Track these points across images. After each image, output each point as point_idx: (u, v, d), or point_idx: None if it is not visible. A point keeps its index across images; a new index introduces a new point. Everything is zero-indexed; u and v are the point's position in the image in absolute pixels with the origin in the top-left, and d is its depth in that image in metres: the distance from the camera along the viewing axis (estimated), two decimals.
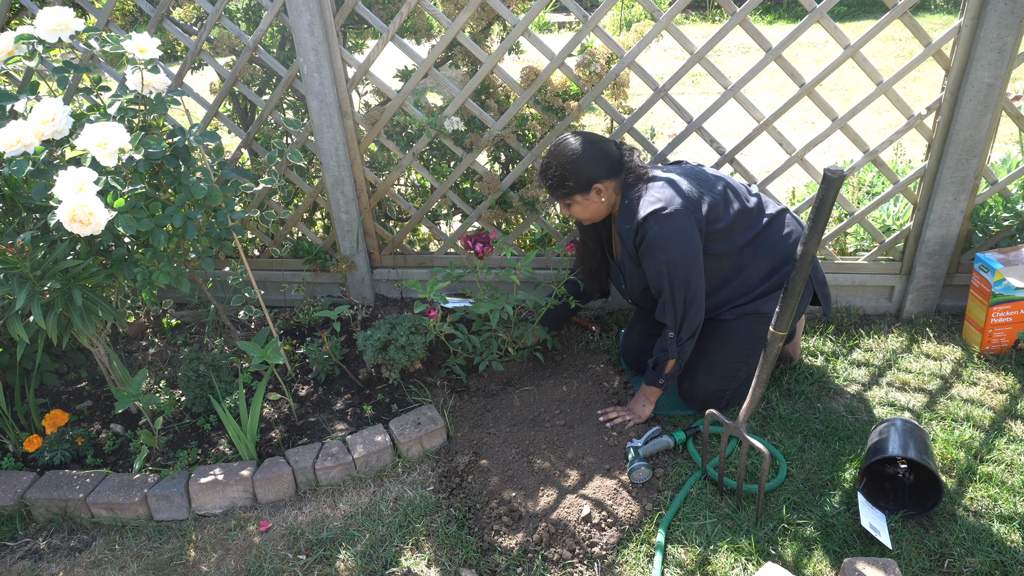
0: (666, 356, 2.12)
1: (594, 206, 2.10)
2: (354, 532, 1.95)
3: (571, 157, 2.03)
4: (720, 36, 2.27)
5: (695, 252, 2.00)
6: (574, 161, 2.03)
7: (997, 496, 1.91)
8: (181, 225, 1.92)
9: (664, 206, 1.97)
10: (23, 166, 1.74)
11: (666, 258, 1.98)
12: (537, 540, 1.87)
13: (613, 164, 2.07)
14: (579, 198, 2.08)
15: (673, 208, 1.97)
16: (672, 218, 1.97)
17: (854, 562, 1.59)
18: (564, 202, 2.11)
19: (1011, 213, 2.55)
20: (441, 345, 2.61)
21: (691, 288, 2.02)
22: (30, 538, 2.03)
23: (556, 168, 2.05)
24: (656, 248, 1.99)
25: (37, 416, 2.35)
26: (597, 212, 2.12)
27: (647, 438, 2.12)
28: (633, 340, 2.45)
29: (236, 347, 2.65)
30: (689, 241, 1.98)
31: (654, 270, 2.03)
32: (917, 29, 2.25)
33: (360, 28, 3.02)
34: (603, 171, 2.05)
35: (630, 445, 2.11)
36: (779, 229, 2.15)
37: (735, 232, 2.09)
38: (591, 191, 2.06)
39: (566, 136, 2.08)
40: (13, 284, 1.81)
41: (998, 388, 2.32)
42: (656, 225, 1.97)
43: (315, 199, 2.85)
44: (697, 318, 2.07)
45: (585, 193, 2.06)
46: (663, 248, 1.98)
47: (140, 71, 1.92)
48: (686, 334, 2.09)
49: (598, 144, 2.07)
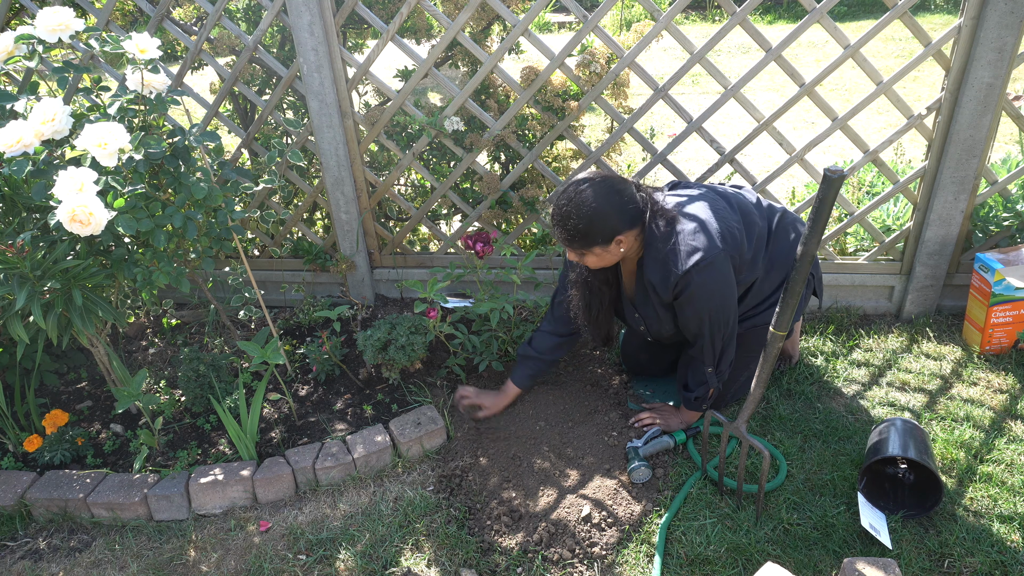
0: (706, 389, 2.09)
1: (611, 257, 1.95)
2: (354, 532, 1.95)
3: (594, 209, 1.84)
4: (720, 36, 2.27)
5: (734, 293, 1.95)
6: (597, 214, 1.84)
7: (997, 496, 1.91)
8: (181, 225, 1.92)
9: (704, 256, 1.85)
10: (23, 166, 1.74)
11: (710, 307, 1.91)
12: (537, 540, 1.87)
13: (636, 214, 1.91)
14: (598, 250, 1.91)
15: (712, 256, 1.85)
16: (713, 267, 1.86)
17: (854, 562, 1.59)
18: (579, 252, 1.94)
19: (1011, 213, 2.55)
20: (441, 345, 2.61)
21: (729, 327, 1.98)
22: (30, 538, 2.03)
23: (577, 220, 1.85)
24: (700, 299, 1.90)
25: (37, 416, 2.35)
26: (612, 262, 1.99)
27: (647, 438, 2.12)
28: (633, 347, 2.44)
29: (236, 347, 2.65)
30: (729, 285, 1.92)
31: (695, 318, 1.95)
32: (917, 29, 2.24)
33: (360, 28, 3.02)
34: (627, 222, 1.88)
35: (630, 446, 2.11)
36: (785, 238, 2.11)
37: (757, 256, 2.03)
38: (612, 243, 1.89)
39: (584, 183, 1.89)
40: (13, 284, 1.81)
41: (998, 388, 2.32)
42: (699, 276, 1.86)
43: (315, 199, 2.85)
44: (732, 348, 2.04)
45: (606, 246, 1.90)
46: (708, 298, 1.89)
47: (140, 71, 1.92)
48: (724, 365, 2.06)
49: (620, 191, 1.89)
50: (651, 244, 1.93)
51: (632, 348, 2.45)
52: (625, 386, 2.44)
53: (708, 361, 2.03)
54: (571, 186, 1.90)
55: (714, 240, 1.87)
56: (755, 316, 2.12)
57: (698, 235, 1.88)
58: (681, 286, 1.89)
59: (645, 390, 2.40)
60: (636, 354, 2.44)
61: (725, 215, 1.95)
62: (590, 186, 1.87)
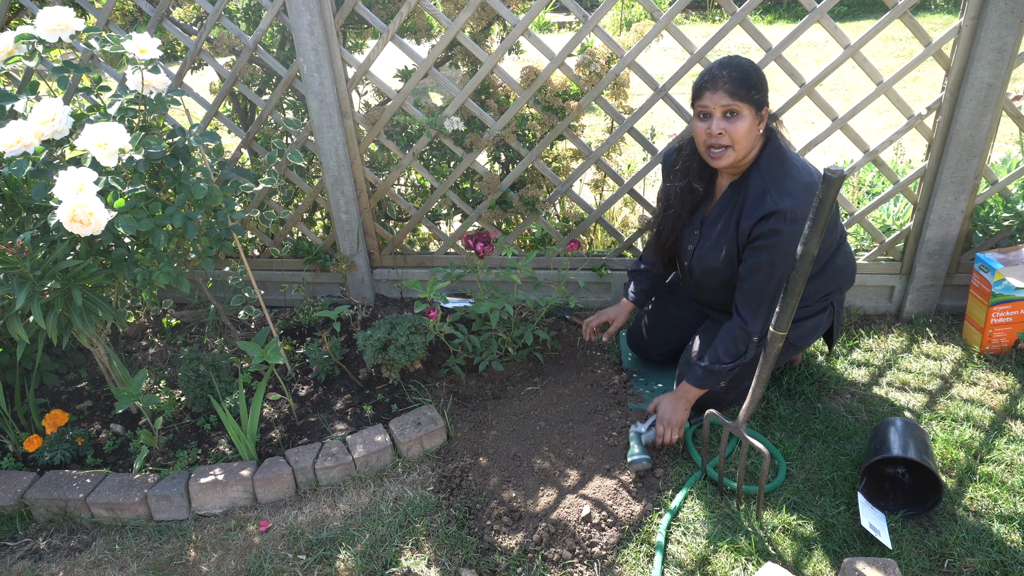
0: (744, 360, 2.00)
1: (752, 134, 1.87)
2: (354, 532, 1.95)
3: (758, 69, 1.87)
4: (720, 36, 2.27)
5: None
6: (761, 73, 1.86)
7: (997, 496, 1.91)
8: (181, 225, 1.92)
9: (798, 208, 1.82)
10: (23, 166, 1.74)
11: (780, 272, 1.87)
12: (537, 540, 1.87)
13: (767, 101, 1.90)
14: (748, 112, 1.84)
15: (805, 213, 1.81)
16: (804, 223, 1.80)
17: (854, 562, 1.59)
18: (733, 107, 1.84)
19: (1011, 213, 2.55)
20: (441, 345, 2.61)
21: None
22: (30, 538, 2.03)
23: (747, 64, 1.85)
24: (778, 250, 1.85)
25: (37, 416, 2.35)
26: (747, 145, 1.88)
27: (650, 424, 2.11)
28: (640, 328, 2.48)
29: (236, 347, 2.65)
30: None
31: (768, 267, 1.89)
32: (917, 29, 2.24)
33: (360, 28, 3.02)
34: (767, 101, 1.89)
35: (633, 430, 2.10)
36: (845, 256, 2.10)
37: (822, 254, 1.99)
38: (761, 110, 1.87)
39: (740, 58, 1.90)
40: (13, 284, 1.81)
41: (998, 388, 2.32)
42: (790, 227, 1.82)
43: (315, 199, 2.86)
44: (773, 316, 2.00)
45: (758, 110, 1.86)
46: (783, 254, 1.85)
47: (140, 71, 1.92)
48: (766, 330, 1.97)
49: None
50: (758, 164, 1.92)
51: (639, 329, 2.48)
52: (625, 386, 2.44)
53: (755, 325, 1.95)
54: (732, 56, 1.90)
55: (810, 203, 1.83)
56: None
57: (809, 190, 1.85)
58: (766, 226, 1.85)
59: (645, 389, 2.40)
60: (643, 335, 2.46)
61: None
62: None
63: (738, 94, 1.83)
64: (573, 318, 2.79)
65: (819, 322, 2.16)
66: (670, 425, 2.08)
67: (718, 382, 2.06)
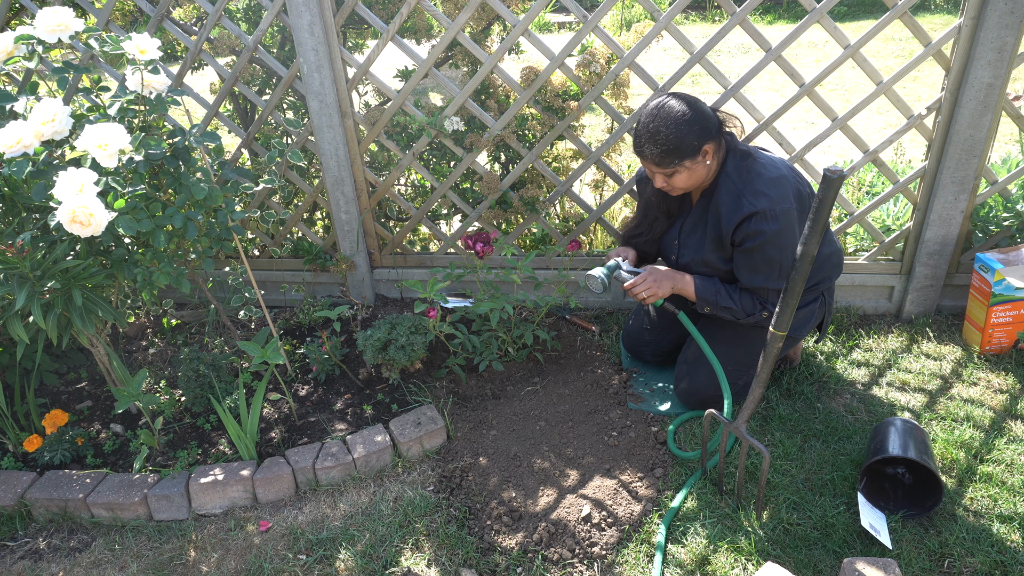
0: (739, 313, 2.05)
1: (700, 171, 1.93)
2: (354, 532, 1.95)
3: (682, 118, 1.86)
4: (720, 36, 2.27)
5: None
6: (686, 122, 1.86)
7: (997, 496, 1.91)
8: (181, 226, 1.92)
9: (775, 204, 1.87)
10: (23, 167, 1.74)
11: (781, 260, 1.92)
12: (537, 540, 1.87)
13: (717, 123, 1.92)
14: (688, 163, 1.90)
15: (785, 208, 1.87)
16: (788, 215, 1.88)
17: (854, 562, 1.59)
18: (669, 171, 1.92)
19: (1011, 213, 2.55)
20: (441, 345, 2.61)
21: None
22: (30, 538, 2.03)
23: (666, 132, 1.86)
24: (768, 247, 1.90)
25: (37, 416, 2.35)
26: (699, 179, 1.95)
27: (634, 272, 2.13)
28: (636, 328, 2.48)
29: (236, 347, 2.65)
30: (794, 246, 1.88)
31: (753, 266, 1.96)
32: (917, 29, 2.25)
33: (360, 28, 3.02)
34: (712, 130, 1.90)
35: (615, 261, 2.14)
36: (830, 244, 2.13)
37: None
38: (699, 154, 1.90)
39: (665, 98, 1.91)
40: (13, 284, 1.81)
41: (998, 388, 2.32)
42: (771, 225, 1.87)
43: (315, 199, 2.86)
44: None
45: (694, 158, 1.90)
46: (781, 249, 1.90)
47: (140, 71, 1.92)
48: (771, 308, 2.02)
49: (696, 101, 1.92)
50: (726, 171, 1.95)
51: (635, 329, 2.47)
52: (625, 386, 2.44)
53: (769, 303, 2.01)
54: (652, 106, 1.91)
55: (788, 195, 1.89)
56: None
57: (778, 185, 1.89)
58: (747, 229, 1.89)
59: (645, 389, 2.41)
60: (639, 335, 2.45)
61: (799, 176, 1.97)
62: (670, 98, 1.91)
63: (665, 162, 1.90)
64: (573, 318, 2.79)
65: (811, 312, 2.20)
66: (649, 287, 2.08)
67: (708, 304, 2.08)
